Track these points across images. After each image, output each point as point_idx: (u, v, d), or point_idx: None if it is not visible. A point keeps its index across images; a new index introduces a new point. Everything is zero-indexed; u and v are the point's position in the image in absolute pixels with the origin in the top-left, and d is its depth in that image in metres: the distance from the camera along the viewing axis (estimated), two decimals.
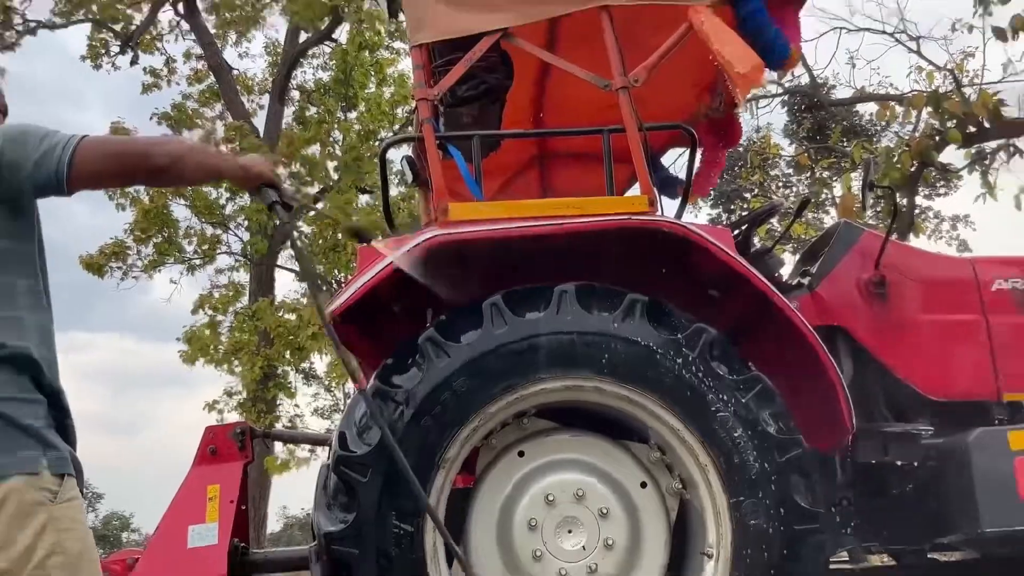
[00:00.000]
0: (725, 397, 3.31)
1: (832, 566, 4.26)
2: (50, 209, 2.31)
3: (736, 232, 4.36)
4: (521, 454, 3.45)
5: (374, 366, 3.49)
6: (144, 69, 18.00)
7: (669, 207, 4.23)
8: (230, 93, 17.65)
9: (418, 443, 3.21)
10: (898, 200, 8.70)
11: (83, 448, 2.26)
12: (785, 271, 4.57)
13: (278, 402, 16.19)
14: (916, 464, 3.93)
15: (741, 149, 15.40)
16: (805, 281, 4.23)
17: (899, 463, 3.94)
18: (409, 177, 4.55)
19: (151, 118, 17.63)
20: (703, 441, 3.31)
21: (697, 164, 4.45)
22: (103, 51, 17.54)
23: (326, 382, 20.35)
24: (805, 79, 11.93)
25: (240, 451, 4.11)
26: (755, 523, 3.24)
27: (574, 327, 3.34)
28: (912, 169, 9.30)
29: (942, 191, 17.33)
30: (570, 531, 3.35)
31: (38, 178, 2.11)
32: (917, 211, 14.82)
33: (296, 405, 17.46)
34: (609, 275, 3.52)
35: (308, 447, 14.40)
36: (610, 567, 3.33)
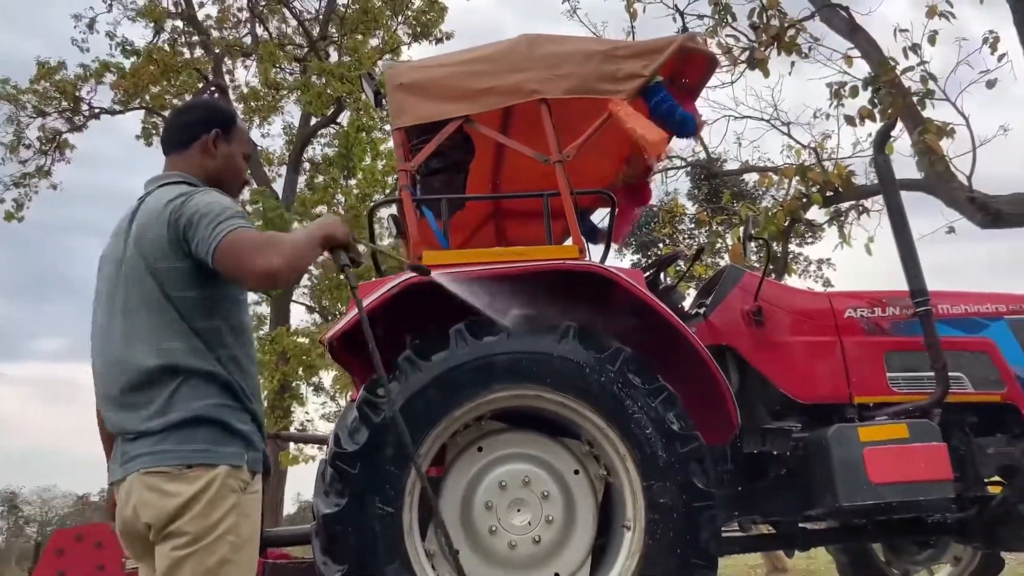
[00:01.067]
0: (639, 402, 3.31)
1: (724, 534, 4.24)
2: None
3: (647, 273, 4.38)
4: (480, 449, 3.41)
5: (364, 382, 3.45)
6: None
7: (596, 252, 4.24)
8: (254, 165, 17.48)
9: (397, 441, 3.17)
10: (773, 248, 8.80)
11: None
12: (687, 304, 4.59)
13: (292, 409, 15.94)
14: (788, 453, 3.94)
15: (655, 208, 15.55)
16: (701, 311, 4.24)
17: (775, 453, 3.95)
18: (394, 231, 4.52)
19: None
20: (622, 437, 3.30)
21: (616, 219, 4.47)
22: (154, 131, 17.28)
23: (331, 393, 20.05)
24: (703, 155, 12.09)
25: None
26: (663, 501, 3.23)
27: (521, 348, 3.32)
28: (785, 224, 9.41)
29: (810, 240, 17.61)
30: (519, 510, 3.31)
31: (198, 253, 2.04)
32: (790, 256, 15.02)
33: (307, 412, 17.25)
34: (549, 307, 3.52)
35: (315, 445, 14.15)
36: (551, 538, 3.30)
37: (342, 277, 2.44)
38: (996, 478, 4.16)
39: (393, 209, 4.72)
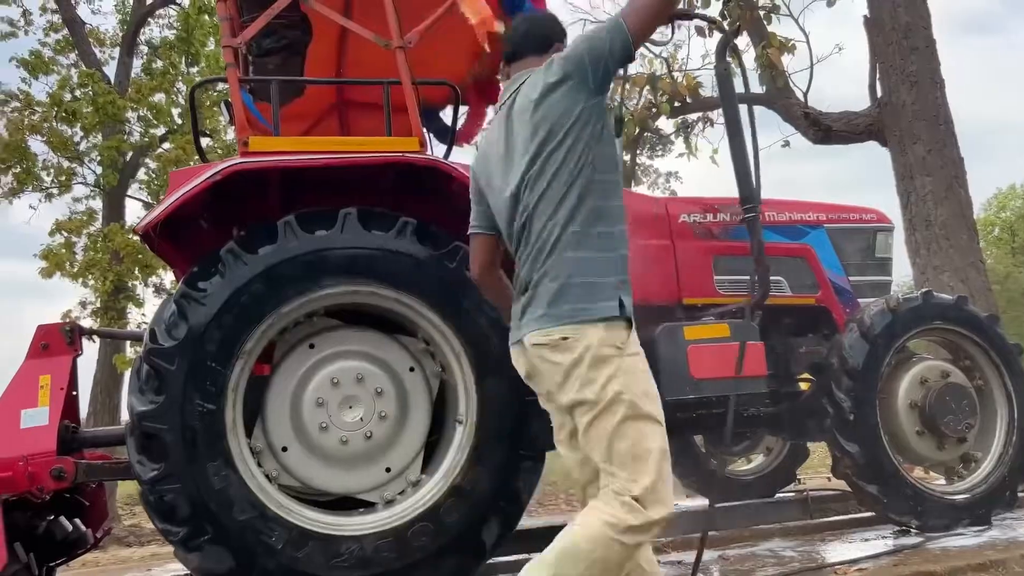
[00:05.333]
0: (475, 300, 3.25)
1: None
2: None
3: None
4: (312, 346, 3.29)
5: (184, 274, 3.23)
6: (2, 19, 15.95)
7: (441, 152, 4.09)
8: (83, 44, 15.78)
9: (219, 337, 3.01)
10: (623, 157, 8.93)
11: None
12: None
13: (128, 311, 15.04)
14: None
15: None
16: None
17: None
18: (227, 118, 4.21)
19: (10, 61, 15.70)
20: (458, 334, 3.27)
21: (465, 117, 4.35)
22: None
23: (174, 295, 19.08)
24: None
25: (69, 345, 3.76)
26: (495, 396, 3.26)
27: (355, 243, 3.20)
28: (635, 134, 9.58)
29: (659, 153, 18.05)
30: (351, 407, 3.24)
31: (604, 55, 2.28)
32: (640, 168, 15.39)
33: (143, 314, 16.23)
34: (385, 202, 3.39)
35: None
36: (383, 434, 3.26)
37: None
38: (805, 375, 4.46)
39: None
